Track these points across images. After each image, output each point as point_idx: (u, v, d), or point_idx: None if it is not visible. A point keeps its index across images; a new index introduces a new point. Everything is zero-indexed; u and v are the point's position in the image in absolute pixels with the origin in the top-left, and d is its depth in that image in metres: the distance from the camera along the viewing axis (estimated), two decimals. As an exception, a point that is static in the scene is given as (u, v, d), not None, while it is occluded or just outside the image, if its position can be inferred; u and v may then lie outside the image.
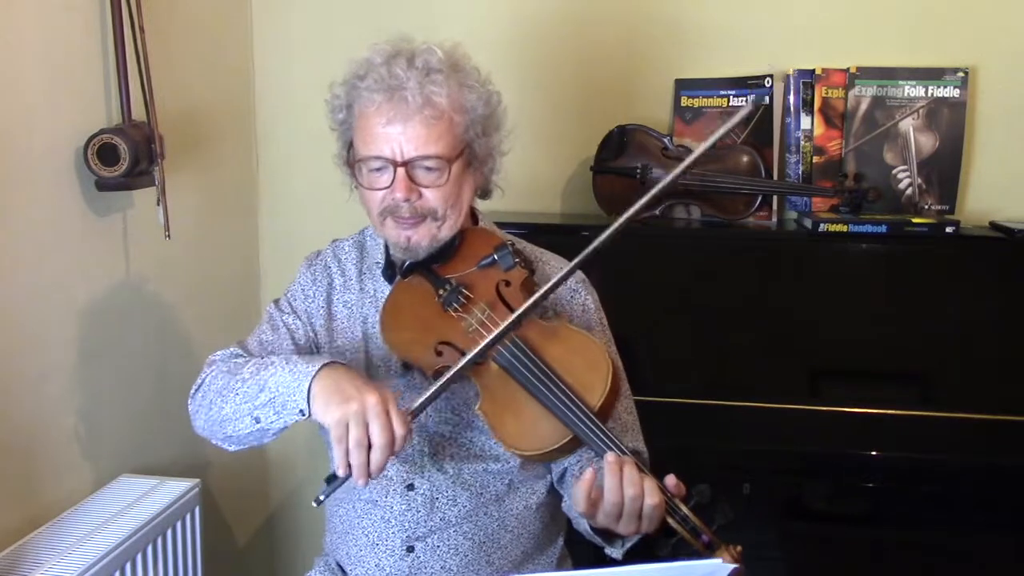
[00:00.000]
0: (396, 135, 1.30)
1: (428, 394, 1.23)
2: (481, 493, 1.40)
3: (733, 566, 1.05)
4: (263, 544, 2.53)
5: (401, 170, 1.30)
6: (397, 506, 1.40)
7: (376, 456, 1.16)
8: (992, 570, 1.92)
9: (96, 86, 1.72)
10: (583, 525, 1.32)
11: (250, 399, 1.26)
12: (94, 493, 1.73)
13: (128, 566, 1.60)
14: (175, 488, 1.78)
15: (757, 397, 1.95)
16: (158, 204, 1.79)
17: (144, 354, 1.93)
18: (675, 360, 2.04)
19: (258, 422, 1.26)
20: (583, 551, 1.55)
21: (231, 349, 1.41)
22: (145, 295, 1.92)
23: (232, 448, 1.37)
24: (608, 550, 1.30)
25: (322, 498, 1.22)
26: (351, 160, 1.38)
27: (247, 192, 2.40)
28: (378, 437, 1.16)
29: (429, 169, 1.31)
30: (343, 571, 1.50)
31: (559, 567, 1.50)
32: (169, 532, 1.73)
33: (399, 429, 1.17)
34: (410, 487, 1.39)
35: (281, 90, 2.37)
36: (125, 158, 1.64)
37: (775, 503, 1.93)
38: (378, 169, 1.33)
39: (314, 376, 1.21)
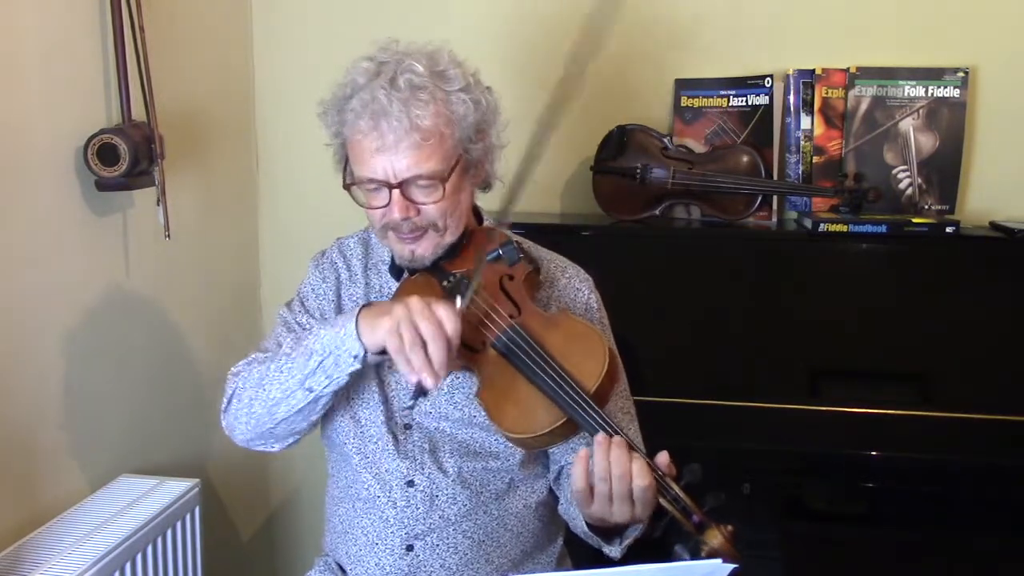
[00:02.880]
0: (387, 159, 1.30)
1: (467, 294, 1.26)
2: (481, 492, 1.41)
3: (732, 566, 1.05)
4: (263, 544, 2.54)
5: (396, 191, 1.31)
6: (398, 502, 1.40)
7: (433, 349, 1.18)
8: (992, 570, 1.92)
9: (96, 86, 1.72)
10: (580, 526, 1.33)
11: (298, 370, 1.29)
12: (94, 493, 1.73)
13: (128, 566, 1.60)
14: (175, 488, 1.78)
15: (757, 397, 1.95)
16: (158, 204, 1.79)
17: (144, 354, 1.93)
18: (675, 360, 2.04)
19: (311, 391, 1.29)
20: (583, 551, 1.55)
21: (251, 356, 1.43)
22: (145, 295, 1.92)
23: (277, 447, 1.40)
24: (607, 550, 1.30)
25: (412, 403, 1.28)
26: (346, 183, 1.38)
27: (247, 192, 2.40)
28: (427, 330, 1.18)
29: (424, 187, 1.32)
30: (343, 571, 1.51)
31: (559, 567, 1.50)
32: (169, 532, 1.73)
33: (443, 311, 1.20)
34: (410, 483, 1.39)
35: (281, 90, 2.37)
36: (125, 158, 1.64)
37: (775, 503, 1.93)
38: (374, 190, 1.34)
39: (358, 315, 1.25)
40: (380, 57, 1.34)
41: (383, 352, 1.23)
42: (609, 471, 1.15)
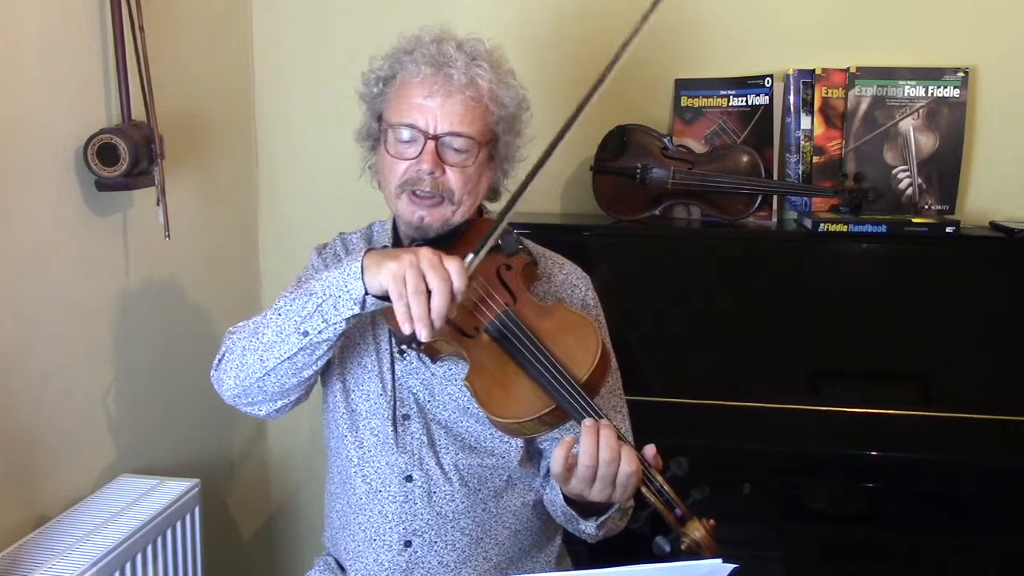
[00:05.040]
0: (434, 108, 1.33)
1: (479, 250, 1.24)
2: (479, 489, 1.41)
3: (733, 566, 1.05)
4: (263, 544, 2.54)
5: (431, 143, 1.34)
6: (396, 497, 1.40)
7: (436, 301, 1.15)
8: (992, 570, 1.92)
9: (96, 86, 1.72)
10: (558, 502, 1.32)
11: (295, 312, 1.26)
12: (94, 493, 1.73)
13: (128, 566, 1.60)
14: (175, 488, 1.78)
15: (757, 397, 1.95)
16: (158, 204, 1.79)
17: (144, 354, 1.93)
18: (675, 360, 2.04)
19: (306, 335, 1.25)
20: (582, 550, 1.55)
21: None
22: (145, 295, 1.92)
23: (264, 410, 1.36)
24: (583, 526, 1.31)
25: (403, 348, 1.22)
26: (382, 127, 1.39)
27: (247, 192, 2.40)
28: (435, 281, 1.15)
29: (458, 150, 1.35)
30: (343, 569, 1.51)
31: (558, 566, 1.51)
32: (169, 532, 1.73)
33: (453, 266, 1.17)
34: (408, 479, 1.40)
35: (281, 90, 2.37)
36: (125, 158, 1.64)
37: (775, 503, 1.93)
38: (408, 141, 1.36)
39: (364, 256, 1.21)
40: (446, 30, 1.41)
41: (384, 298, 1.19)
42: (597, 455, 1.15)
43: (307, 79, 2.35)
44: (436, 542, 1.40)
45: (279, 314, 1.29)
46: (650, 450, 1.19)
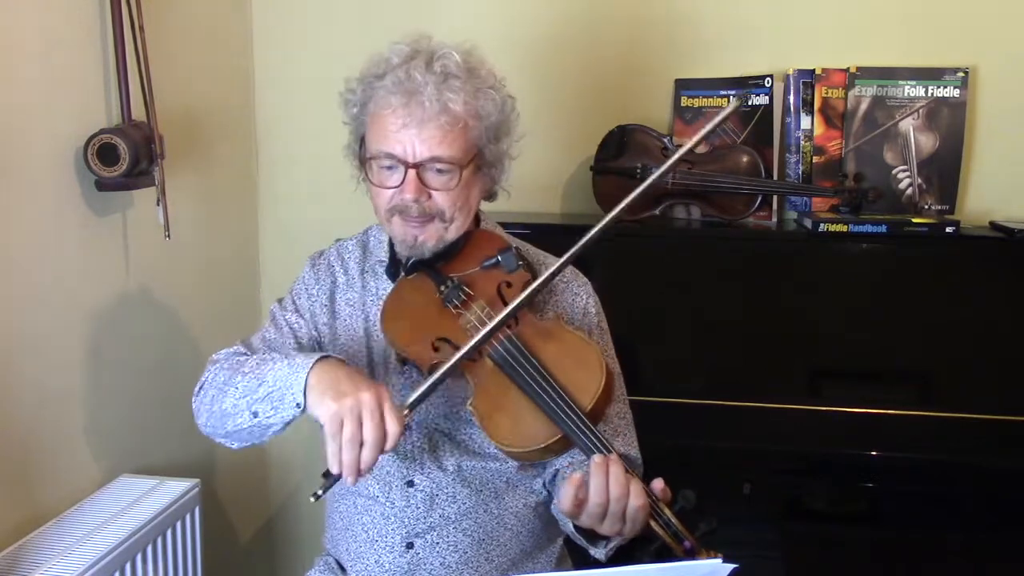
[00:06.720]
0: (410, 137, 1.30)
1: (422, 389, 1.23)
2: (481, 490, 1.41)
3: (733, 566, 1.05)
4: (263, 544, 2.54)
5: (412, 171, 1.31)
6: (397, 502, 1.40)
7: (366, 454, 1.16)
8: (992, 570, 1.92)
9: (96, 86, 1.72)
10: (568, 526, 1.32)
11: (249, 393, 1.26)
12: (94, 493, 1.73)
13: (128, 566, 1.60)
14: (175, 488, 1.78)
15: (757, 397, 1.95)
16: (158, 204, 1.79)
17: (144, 354, 1.93)
18: (675, 360, 2.04)
19: (256, 416, 1.26)
20: (583, 552, 1.55)
21: (235, 347, 1.42)
22: (145, 295, 1.92)
23: (235, 446, 1.36)
24: (592, 551, 1.30)
25: (320, 493, 1.21)
26: (363, 156, 1.38)
27: (247, 192, 2.40)
28: (370, 434, 1.16)
29: (440, 172, 1.32)
30: (343, 570, 1.51)
31: (558, 567, 1.50)
32: (169, 532, 1.73)
33: (392, 427, 1.17)
34: (410, 483, 1.40)
35: (281, 90, 2.37)
36: (125, 158, 1.64)
37: (775, 503, 1.93)
38: (389, 167, 1.34)
39: (311, 368, 1.21)
40: (416, 44, 1.36)
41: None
42: (607, 493, 1.15)
43: (307, 79, 2.35)
44: (438, 543, 1.40)
45: (236, 388, 1.28)
46: (658, 484, 1.18)
